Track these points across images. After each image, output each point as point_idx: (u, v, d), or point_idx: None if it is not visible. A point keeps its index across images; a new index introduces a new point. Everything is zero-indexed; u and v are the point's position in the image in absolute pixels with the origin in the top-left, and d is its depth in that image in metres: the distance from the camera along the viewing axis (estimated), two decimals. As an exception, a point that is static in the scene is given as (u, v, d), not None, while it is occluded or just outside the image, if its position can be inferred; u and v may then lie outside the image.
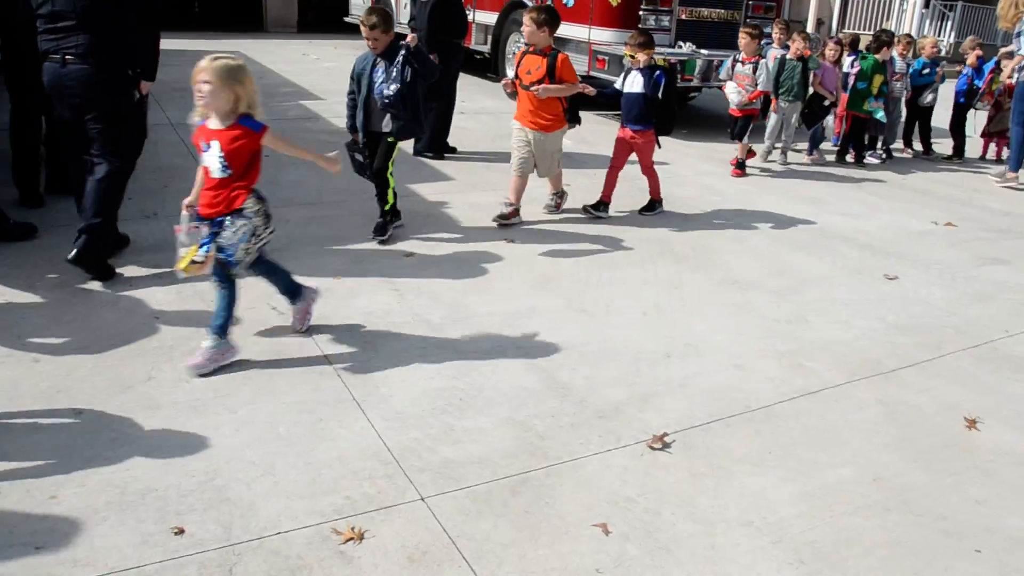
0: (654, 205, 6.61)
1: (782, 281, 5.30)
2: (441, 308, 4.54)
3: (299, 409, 3.45)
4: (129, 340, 3.95)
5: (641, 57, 6.19)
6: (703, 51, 9.66)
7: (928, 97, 9.44)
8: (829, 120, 8.75)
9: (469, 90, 8.68)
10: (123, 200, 4.92)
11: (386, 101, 5.19)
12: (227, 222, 3.62)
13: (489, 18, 11.93)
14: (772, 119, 8.56)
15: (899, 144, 9.81)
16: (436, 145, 7.93)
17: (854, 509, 3.06)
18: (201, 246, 3.61)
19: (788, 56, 8.37)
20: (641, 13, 9.70)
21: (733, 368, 4.10)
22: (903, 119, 9.69)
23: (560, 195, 6.41)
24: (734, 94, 7.85)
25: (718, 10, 10.16)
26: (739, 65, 7.90)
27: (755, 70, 7.77)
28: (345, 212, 5.95)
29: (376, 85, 5.24)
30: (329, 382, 3.69)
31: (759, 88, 7.80)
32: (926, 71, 9.35)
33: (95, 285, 4.52)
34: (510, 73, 6.63)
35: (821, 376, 4.08)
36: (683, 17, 9.92)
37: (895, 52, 9.21)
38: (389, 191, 5.46)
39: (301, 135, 7.85)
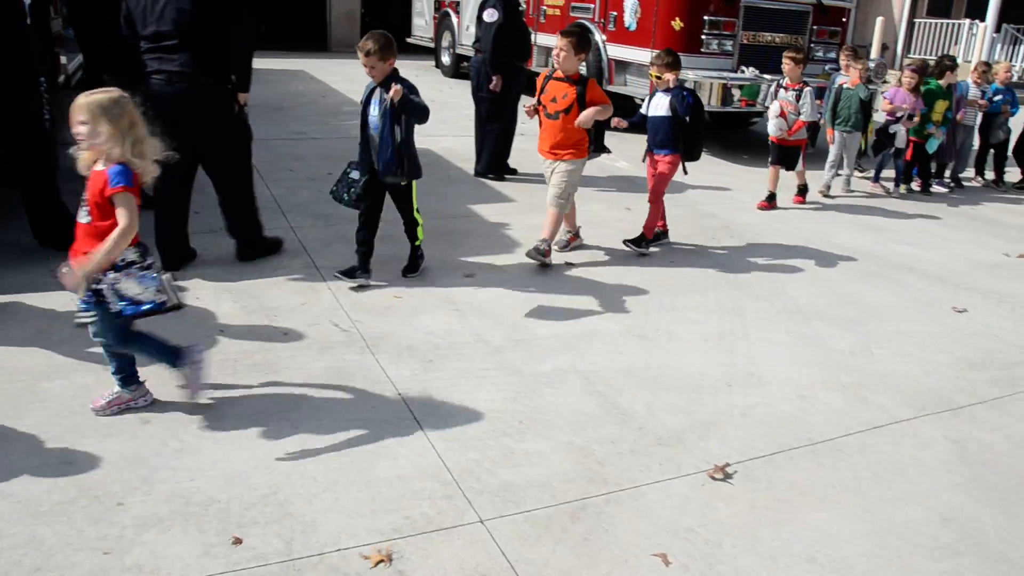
0: (641, 241, 6.00)
1: (846, 311, 5.21)
2: (501, 329, 4.54)
3: (360, 426, 3.47)
4: (195, 352, 4.02)
5: (669, 77, 5.90)
6: (766, 76, 9.57)
7: (999, 135, 9.24)
8: (900, 131, 8.41)
9: (530, 112, 8.77)
10: (191, 214, 5.11)
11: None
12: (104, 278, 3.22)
13: (551, 41, 11.97)
14: (832, 150, 8.35)
15: (970, 172, 9.61)
16: (497, 166, 7.97)
17: (923, 550, 2.97)
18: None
19: (845, 85, 8.18)
20: (704, 37, 9.67)
21: (796, 399, 4.03)
22: (975, 147, 9.48)
23: (547, 244, 5.55)
24: (774, 126, 7.47)
25: (782, 35, 10.07)
26: (782, 91, 7.53)
27: (798, 98, 7.38)
28: (406, 231, 6.01)
29: (371, 118, 4.86)
30: (390, 401, 3.71)
31: (802, 118, 7.38)
32: (998, 97, 9.14)
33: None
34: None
35: (887, 410, 3.98)
36: (746, 42, 9.85)
37: (970, 79, 9.04)
38: (419, 228, 5.22)
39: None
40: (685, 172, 6.12)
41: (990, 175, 9.58)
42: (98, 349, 3.96)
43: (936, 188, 9.00)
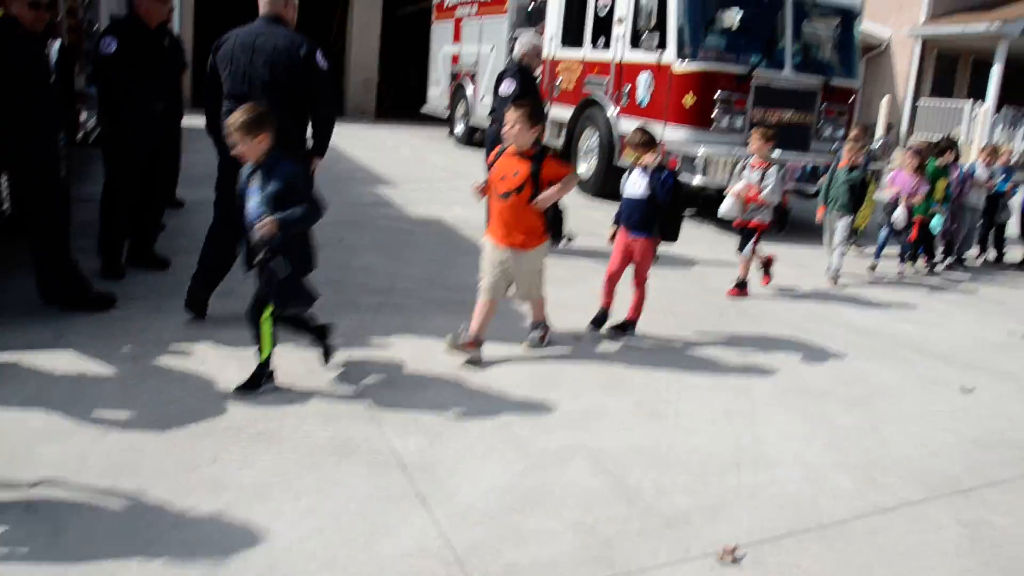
0: (627, 326, 5.80)
1: (853, 390, 5.17)
2: (509, 404, 4.51)
3: (363, 500, 3.42)
4: (197, 419, 3.98)
5: (647, 158, 5.56)
6: (774, 153, 9.68)
7: (1003, 216, 9.56)
8: (899, 213, 8.23)
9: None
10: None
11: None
12: None
13: (564, 113, 12.15)
14: (825, 237, 8.16)
15: (973, 252, 9.68)
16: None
17: (937, 642, 2.90)
18: None
19: (840, 165, 7.92)
20: (715, 113, 9.81)
21: (804, 480, 3.97)
22: (979, 226, 9.59)
23: (543, 327, 5.46)
24: (728, 205, 7.05)
25: (791, 112, 10.22)
26: (747, 171, 7.01)
27: (762, 178, 6.86)
28: (416, 301, 6.00)
29: (249, 207, 4.20)
30: (394, 474, 3.66)
31: (762, 197, 6.85)
32: (1002, 178, 9.33)
33: (167, 361, 4.60)
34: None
35: (896, 492, 3.92)
36: (756, 119, 9.99)
37: (978, 160, 9.23)
38: (265, 338, 4.33)
39: (375, 221, 8.01)
40: (656, 258, 5.83)
41: (992, 254, 9.69)
42: (99, 413, 3.95)
43: (940, 267, 9.05)
